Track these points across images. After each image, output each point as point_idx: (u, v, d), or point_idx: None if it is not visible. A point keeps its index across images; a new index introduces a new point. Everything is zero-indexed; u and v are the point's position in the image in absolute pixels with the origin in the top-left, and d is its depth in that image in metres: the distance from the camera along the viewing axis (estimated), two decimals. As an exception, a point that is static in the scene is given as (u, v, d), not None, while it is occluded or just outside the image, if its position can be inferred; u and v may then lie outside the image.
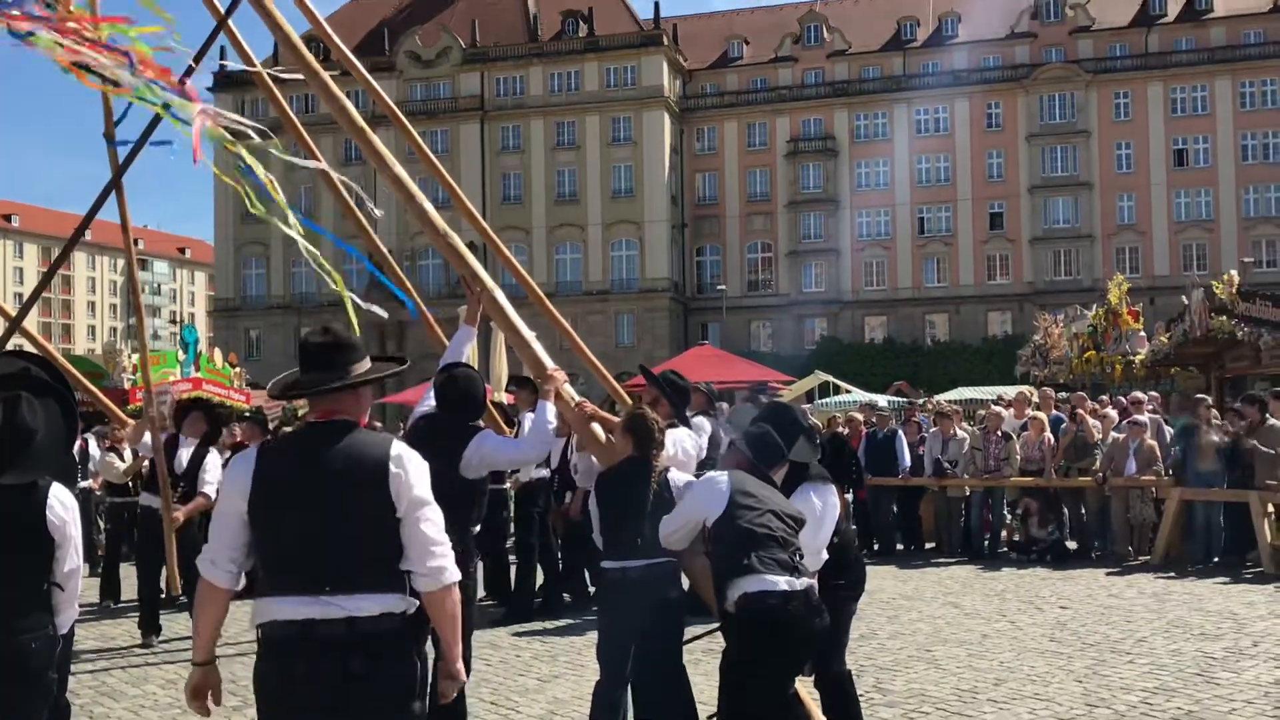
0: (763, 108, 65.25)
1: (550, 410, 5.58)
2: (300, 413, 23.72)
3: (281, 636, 3.34)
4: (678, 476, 5.38)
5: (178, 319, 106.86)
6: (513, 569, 10.63)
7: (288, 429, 12.49)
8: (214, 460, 9.50)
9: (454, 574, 3.50)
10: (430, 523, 3.47)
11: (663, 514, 5.09)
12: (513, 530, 11.39)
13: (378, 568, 3.40)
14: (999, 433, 13.67)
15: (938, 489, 14.09)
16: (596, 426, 5.65)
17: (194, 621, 3.65)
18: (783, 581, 4.61)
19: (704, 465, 7.22)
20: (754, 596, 4.62)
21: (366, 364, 3.64)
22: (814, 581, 4.82)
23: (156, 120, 5.88)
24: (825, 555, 5.25)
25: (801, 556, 4.80)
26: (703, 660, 6.60)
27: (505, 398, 13.02)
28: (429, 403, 5.89)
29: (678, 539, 5.04)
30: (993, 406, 14.96)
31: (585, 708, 5.37)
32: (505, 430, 7.33)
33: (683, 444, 6.75)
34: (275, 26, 6.03)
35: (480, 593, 10.92)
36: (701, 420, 8.43)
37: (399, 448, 3.49)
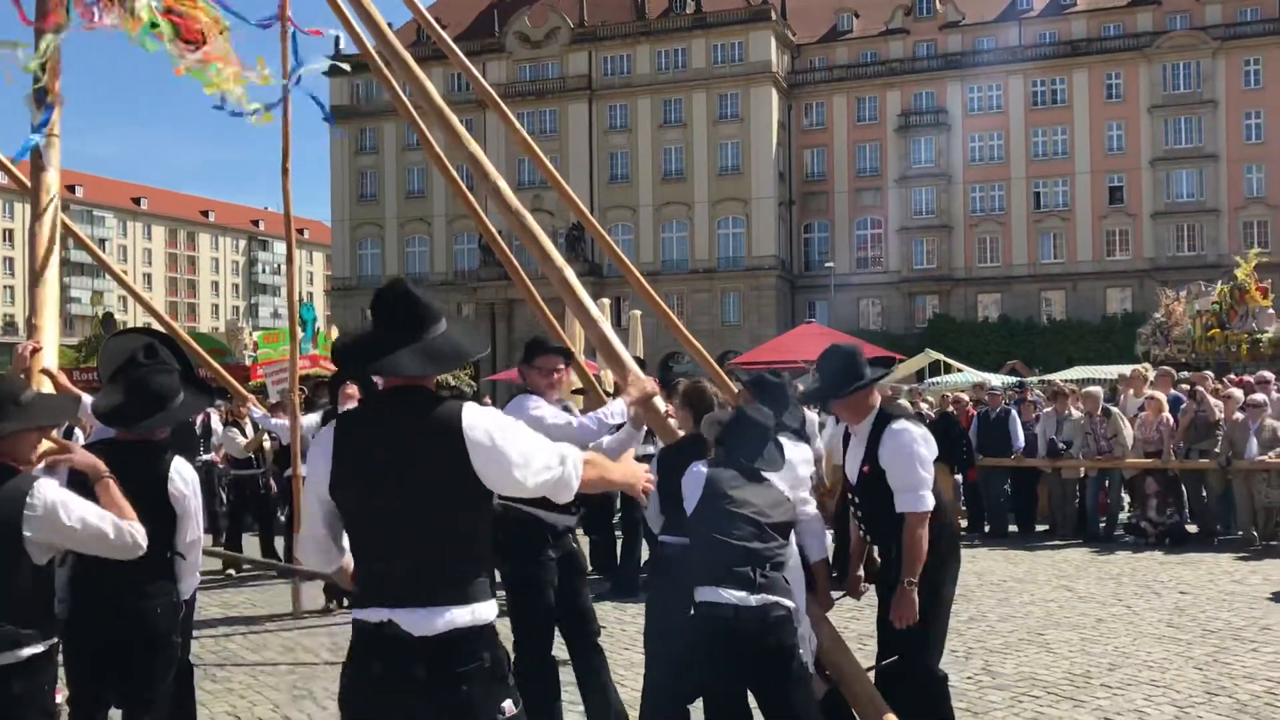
0: (873, 81, 64.14)
1: (617, 408, 5.13)
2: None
3: None
4: None
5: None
6: (618, 544, 10.73)
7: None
8: None
9: None
10: None
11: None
12: (619, 506, 11.47)
13: None
14: (1099, 412, 13.34)
15: (1051, 470, 13.77)
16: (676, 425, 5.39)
17: None
18: (734, 597, 4.31)
19: None
20: (703, 607, 4.40)
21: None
22: (778, 599, 4.36)
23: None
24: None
25: (771, 567, 4.40)
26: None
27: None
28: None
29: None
30: (1090, 388, 14.43)
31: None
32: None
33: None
34: (374, 25, 6.10)
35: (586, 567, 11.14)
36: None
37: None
